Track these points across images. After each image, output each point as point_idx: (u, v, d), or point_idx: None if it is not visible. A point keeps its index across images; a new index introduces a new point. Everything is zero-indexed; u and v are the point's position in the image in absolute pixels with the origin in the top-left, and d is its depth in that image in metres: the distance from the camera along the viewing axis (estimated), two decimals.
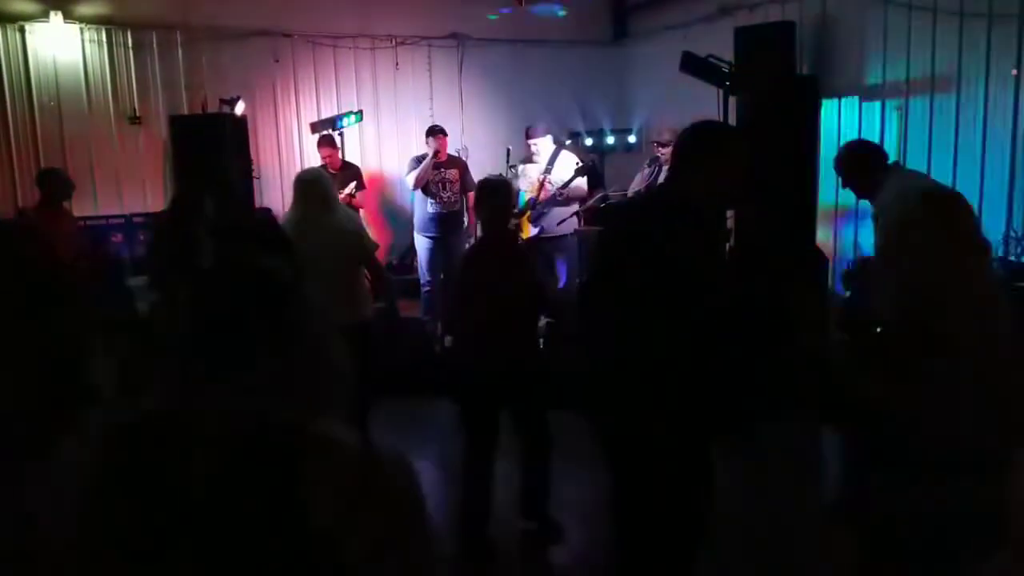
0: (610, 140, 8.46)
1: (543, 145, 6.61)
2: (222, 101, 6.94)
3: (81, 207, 7.17)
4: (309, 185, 4.27)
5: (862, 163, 3.75)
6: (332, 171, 7.08)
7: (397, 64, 8.32)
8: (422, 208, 6.73)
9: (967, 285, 2.07)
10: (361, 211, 7.27)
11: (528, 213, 6.53)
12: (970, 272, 2.13)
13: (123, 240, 7.17)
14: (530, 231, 6.56)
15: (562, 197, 6.48)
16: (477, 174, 7.52)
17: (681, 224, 2.31)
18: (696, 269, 2.28)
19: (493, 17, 8.13)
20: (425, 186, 6.66)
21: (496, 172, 6.74)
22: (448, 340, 6.48)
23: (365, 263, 4.32)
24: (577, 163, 6.51)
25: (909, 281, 2.30)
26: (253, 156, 7.37)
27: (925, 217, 2.63)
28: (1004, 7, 4.84)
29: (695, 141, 2.45)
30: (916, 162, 5.57)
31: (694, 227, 2.33)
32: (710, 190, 2.37)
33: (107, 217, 7.21)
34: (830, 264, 5.54)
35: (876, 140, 5.91)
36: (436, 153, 6.63)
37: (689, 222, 2.32)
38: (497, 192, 3.62)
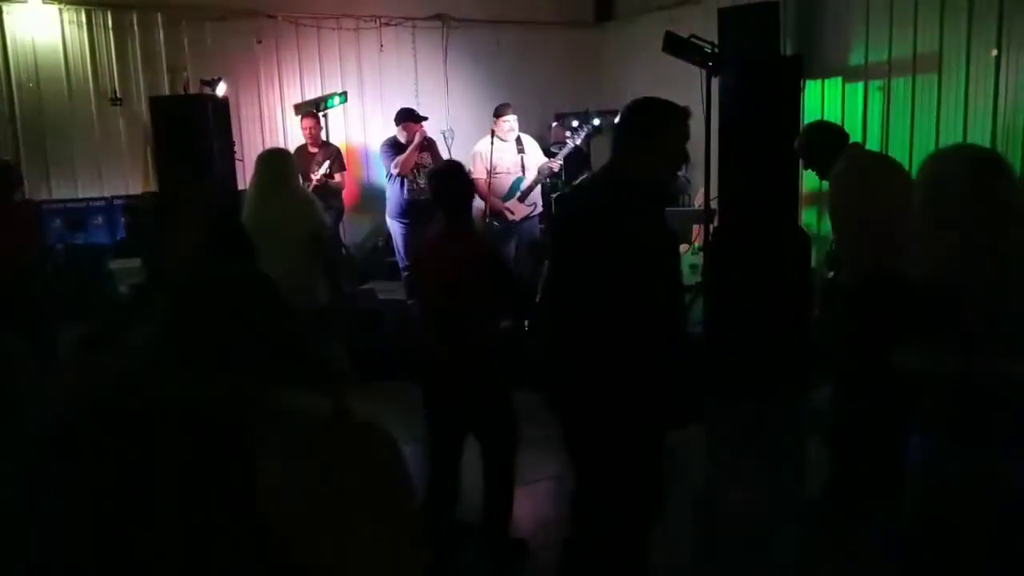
0: (596, 122, 8.43)
1: (514, 124, 6.57)
2: (203, 82, 6.88)
3: (61, 189, 7.12)
4: (264, 163, 4.27)
5: (824, 145, 3.76)
6: (311, 148, 7.06)
7: (381, 45, 8.26)
8: (397, 193, 6.69)
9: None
10: (343, 191, 7.27)
11: (518, 194, 6.53)
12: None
13: (104, 223, 7.11)
14: (522, 211, 6.55)
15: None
16: (464, 157, 7.53)
17: (625, 202, 2.34)
18: (642, 245, 2.31)
19: None
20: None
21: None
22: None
23: (313, 246, 4.24)
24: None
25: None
26: (236, 138, 7.30)
27: (847, 171, 3.43)
28: None
29: (634, 118, 2.47)
30: (899, 142, 5.60)
31: (639, 204, 2.36)
32: (651, 165, 2.40)
33: (88, 200, 7.14)
34: (814, 245, 5.56)
35: (859, 121, 5.94)
36: (423, 140, 6.62)
37: (633, 199, 2.35)
38: (457, 178, 3.44)
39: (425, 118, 6.90)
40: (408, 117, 6.77)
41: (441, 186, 3.39)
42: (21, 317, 4.86)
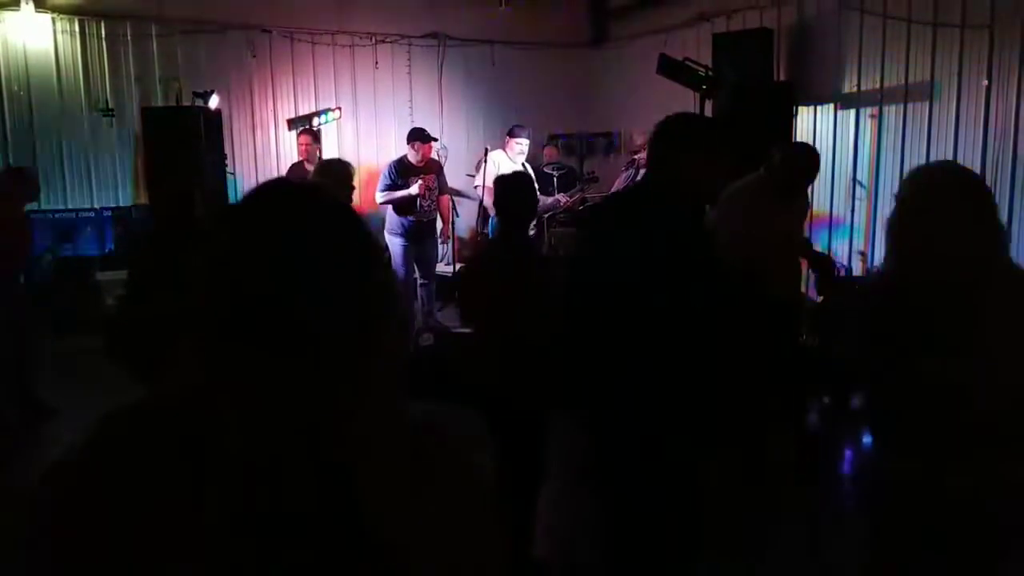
0: (590, 143, 8.48)
1: (526, 148, 6.57)
2: (195, 94, 6.86)
3: (51, 200, 7.06)
4: (324, 173, 4.28)
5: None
6: (308, 165, 7.03)
7: (376, 62, 8.28)
8: (396, 214, 6.65)
9: None
10: None
11: None
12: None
13: (93, 234, 7.05)
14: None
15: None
16: (456, 176, 7.54)
17: (661, 220, 2.26)
18: (680, 268, 2.21)
19: None
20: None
21: (472, 173, 6.77)
22: (426, 338, 6.50)
23: None
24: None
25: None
26: (228, 151, 7.29)
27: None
28: (976, 18, 4.91)
29: (672, 134, 2.38)
30: (889, 170, 5.63)
31: (674, 222, 2.28)
32: (688, 184, 2.30)
33: (77, 210, 7.09)
34: (805, 270, 5.56)
35: (851, 147, 5.98)
36: (421, 188, 6.46)
37: (669, 218, 2.27)
38: (521, 187, 3.28)
39: (435, 139, 6.83)
40: (419, 136, 6.66)
41: (509, 195, 3.23)
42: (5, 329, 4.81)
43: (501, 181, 3.35)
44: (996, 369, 1.84)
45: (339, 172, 4.24)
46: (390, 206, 6.55)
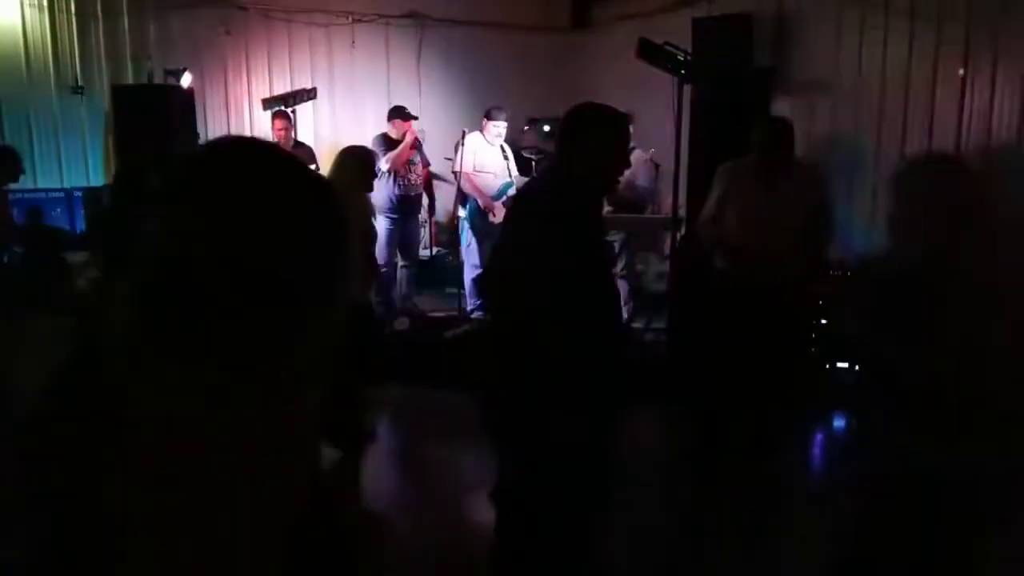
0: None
1: (503, 130, 6.55)
2: (167, 72, 6.73)
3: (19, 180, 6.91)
4: (348, 158, 4.31)
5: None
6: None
7: (354, 42, 8.16)
8: (386, 189, 6.60)
9: None
10: None
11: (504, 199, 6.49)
12: None
13: (63, 215, 6.92)
14: (503, 213, 6.51)
15: None
16: (434, 159, 7.46)
17: (565, 202, 2.40)
18: (562, 242, 2.33)
19: None
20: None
21: (450, 156, 6.72)
22: (401, 322, 6.46)
23: (363, 244, 4.24)
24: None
25: None
26: (201, 131, 7.18)
27: None
28: (952, 10, 4.92)
29: (575, 122, 2.51)
30: (864, 161, 5.65)
31: (578, 204, 2.42)
32: (591, 169, 2.44)
33: (46, 190, 6.94)
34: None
35: (828, 137, 6.00)
36: (413, 140, 6.58)
37: (573, 201, 2.40)
38: None
39: (416, 117, 6.85)
40: (400, 114, 6.74)
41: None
42: None
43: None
44: (985, 352, 1.91)
45: (360, 165, 4.28)
46: (379, 183, 6.55)
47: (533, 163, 7.20)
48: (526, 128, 8.09)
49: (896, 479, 2.02)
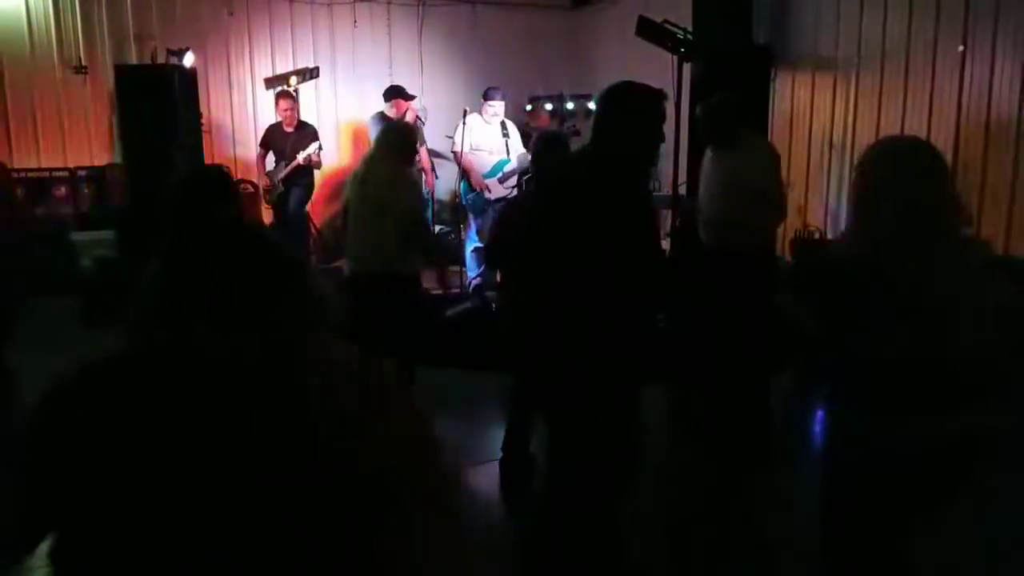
0: (570, 105, 8.42)
1: (500, 109, 6.58)
2: (170, 52, 6.75)
3: (23, 159, 6.97)
4: (390, 135, 4.30)
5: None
6: (287, 127, 6.98)
7: (355, 21, 8.16)
8: None
9: None
10: (316, 171, 7.20)
11: (499, 175, 6.52)
12: None
13: (67, 194, 6.98)
14: (499, 191, 6.54)
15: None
16: (436, 138, 7.48)
17: (602, 178, 2.41)
18: (618, 219, 2.36)
19: None
20: None
21: (451, 135, 6.73)
22: None
23: (414, 222, 4.26)
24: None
25: None
26: (203, 110, 7.20)
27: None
28: None
29: (612, 101, 2.53)
30: (865, 135, 5.65)
31: (616, 180, 2.42)
32: (632, 149, 2.47)
33: (50, 170, 7.00)
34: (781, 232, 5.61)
35: (828, 110, 6.01)
36: (413, 120, 6.64)
37: (610, 176, 2.42)
38: (560, 143, 3.64)
39: (414, 96, 6.89)
40: (398, 94, 6.79)
41: (548, 152, 3.53)
42: None
43: (542, 140, 3.72)
44: (947, 328, 1.94)
45: (399, 141, 4.25)
46: None
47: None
48: (528, 107, 8.09)
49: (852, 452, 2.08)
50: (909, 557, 2.14)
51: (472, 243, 6.57)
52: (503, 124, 6.61)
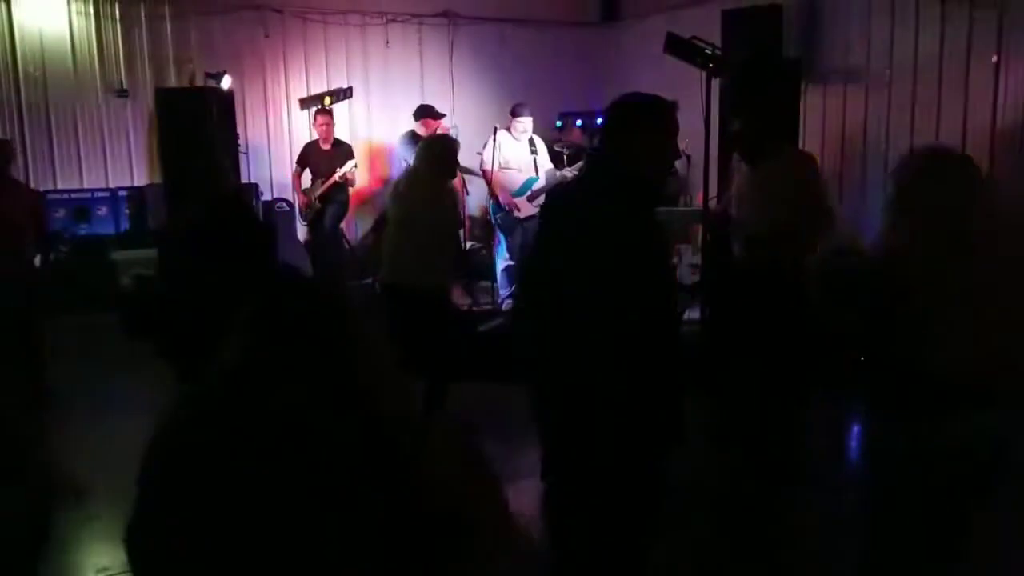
0: (600, 121, 8.46)
1: (529, 125, 6.62)
2: (208, 75, 6.93)
3: (66, 180, 7.18)
4: (430, 150, 4.35)
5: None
6: (323, 145, 7.11)
7: (388, 42, 8.30)
8: None
9: None
10: (351, 188, 7.32)
11: (528, 193, 6.57)
12: None
13: (108, 214, 7.17)
14: (528, 209, 6.57)
15: None
16: (467, 154, 7.55)
17: (609, 200, 2.26)
18: (625, 244, 2.21)
19: None
20: None
21: (480, 151, 6.80)
22: None
23: (454, 235, 4.40)
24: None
25: None
26: (241, 131, 7.36)
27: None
28: None
29: (618, 115, 2.37)
30: (899, 146, 5.60)
31: (624, 202, 2.26)
32: (642, 162, 2.29)
33: (93, 190, 7.20)
34: None
35: (860, 123, 5.96)
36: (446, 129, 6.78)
37: (618, 197, 2.26)
38: None
39: (443, 115, 6.99)
40: (428, 113, 6.90)
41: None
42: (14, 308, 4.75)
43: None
44: (979, 335, 1.96)
45: (441, 154, 4.31)
46: None
47: (565, 156, 7.26)
48: (559, 124, 8.14)
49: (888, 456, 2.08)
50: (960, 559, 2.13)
51: (503, 261, 6.60)
52: (531, 141, 6.66)
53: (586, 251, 2.22)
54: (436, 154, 4.32)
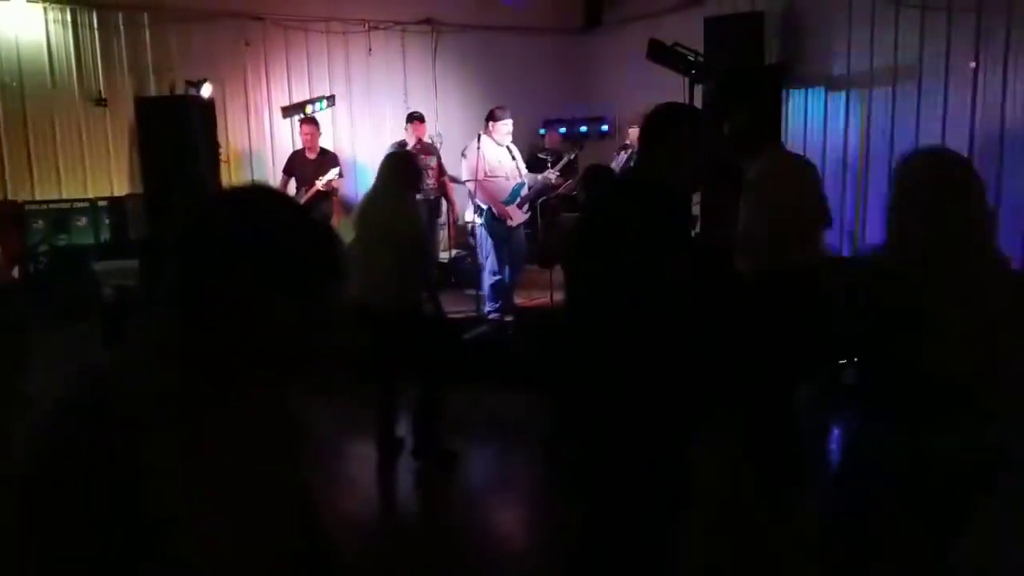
0: (583, 128, 8.48)
1: (511, 126, 6.54)
2: (188, 83, 6.87)
3: (45, 191, 7.09)
4: (391, 166, 4.28)
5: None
6: (309, 154, 7.07)
7: (370, 49, 8.28)
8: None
9: None
10: (335, 197, 7.28)
11: (518, 201, 6.52)
12: None
13: (88, 224, 7.08)
14: (520, 217, 6.53)
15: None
16: (452, 162, 7.54)
17: (656, 207, 2.27)
18: (653, 255, 2.21)
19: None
20: None
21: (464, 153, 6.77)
22: None
23: (416, 252, 4.23)
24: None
25: None
26: (222, 140, 7.30)
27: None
28: (963, 1, 4.93)
29: (661, 123, 2.38)
30: (879, 153, 5.66)
31: (668, 209, 2.29)
32: (678, 171, 2.31)
33: (72, 200, 7.11)
34: None
35: (841, 129, 6.02)
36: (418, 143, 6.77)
37: (663, 204, 2.28)
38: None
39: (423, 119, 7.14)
40: (415, 118, 7.06)
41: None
42: None
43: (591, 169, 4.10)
44: (972, 342, 1.97)
45: (404, 168, 4.26)
46: None
47: (548, 163, 7.25)
48: (542, 131, 8.15)
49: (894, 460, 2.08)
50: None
51: (491, 276, 6.49)
52: (508, 148, 6.59)
53: (618, 265, 2.23)
54: (392, 166, 4.28)
